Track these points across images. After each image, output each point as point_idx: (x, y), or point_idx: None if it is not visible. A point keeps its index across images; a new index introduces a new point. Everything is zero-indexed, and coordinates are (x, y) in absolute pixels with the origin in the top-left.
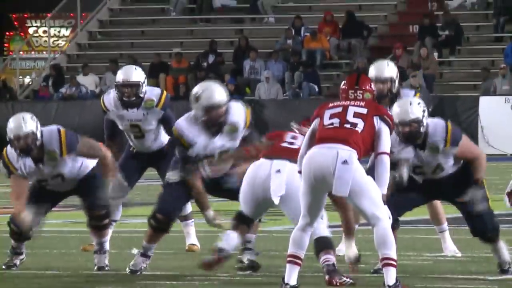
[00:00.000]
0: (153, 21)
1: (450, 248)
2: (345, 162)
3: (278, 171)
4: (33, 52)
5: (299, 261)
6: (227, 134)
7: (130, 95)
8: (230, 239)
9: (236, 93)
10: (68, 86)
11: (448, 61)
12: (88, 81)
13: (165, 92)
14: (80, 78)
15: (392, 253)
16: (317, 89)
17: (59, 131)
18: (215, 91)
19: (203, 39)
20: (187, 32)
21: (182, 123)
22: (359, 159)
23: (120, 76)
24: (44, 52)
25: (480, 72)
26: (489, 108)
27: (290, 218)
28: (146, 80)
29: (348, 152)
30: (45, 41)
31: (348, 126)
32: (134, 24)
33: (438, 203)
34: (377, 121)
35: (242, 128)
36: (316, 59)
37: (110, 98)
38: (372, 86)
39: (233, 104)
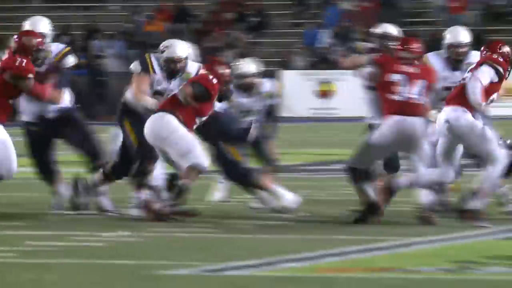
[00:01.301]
0: (18, 8)
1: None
2: None
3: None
4: None
5: None
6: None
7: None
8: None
9: (86, 68)
10: None
11: (258, 41)
12: None
13: None
14: None
15: None
16: None
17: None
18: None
19: (59, 23)
20: (47, 18)
21: None
22: None
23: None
24: None
25: (283, 51)
26: (290, 79)
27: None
28: None
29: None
30: None
31: None
32: (3, 10)
33: None
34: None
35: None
36: (153, 40)
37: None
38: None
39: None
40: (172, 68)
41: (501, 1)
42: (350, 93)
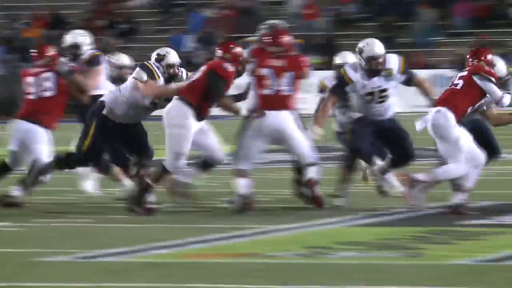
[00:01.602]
0: None
1: None
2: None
3: None
4: None
5: None
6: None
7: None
8: None
9: None
10: None
11: (127, 46)
12: None
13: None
14: None
15: None
16: None
17: None
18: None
19: None
20: None
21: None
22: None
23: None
24: None
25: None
26: None
27: None
28: None
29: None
30: None
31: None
32: None
33: None
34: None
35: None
36: (31, 45)
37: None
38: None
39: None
40: (172, 73)
41: (349, 9)
42: None
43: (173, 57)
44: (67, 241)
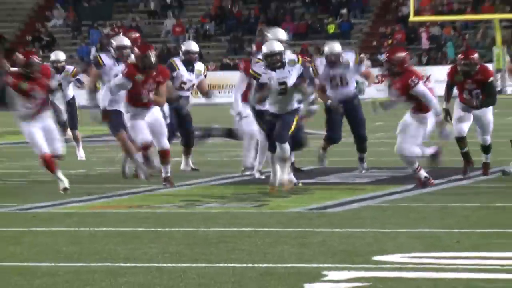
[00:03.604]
0: None
1: None
2: None
3: None
4: None
5: None
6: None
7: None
8: None
9: None
10: None
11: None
12: None
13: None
14: None
15: None
16: None
17: None
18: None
19: None
20: None
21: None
22: None
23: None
24: None
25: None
26: None
27: None
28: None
29: None
30: None
31: None
32: None
33: None
34: None
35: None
36: None
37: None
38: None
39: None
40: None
41: (209, 26)
42: None
43: (194, 47)
44: (7, 197)
